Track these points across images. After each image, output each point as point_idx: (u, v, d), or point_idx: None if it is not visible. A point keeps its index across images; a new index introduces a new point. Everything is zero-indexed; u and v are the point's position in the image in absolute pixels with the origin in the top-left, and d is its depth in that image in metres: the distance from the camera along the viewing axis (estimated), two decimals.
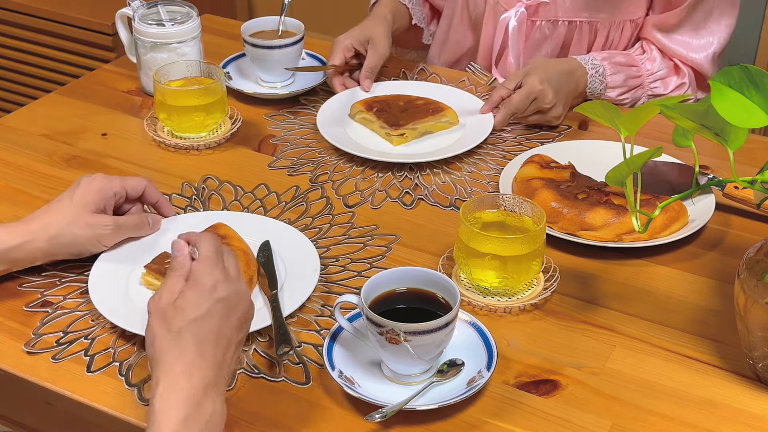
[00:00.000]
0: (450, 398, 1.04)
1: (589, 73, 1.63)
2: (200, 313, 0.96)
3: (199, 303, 0.96)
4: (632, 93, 1.68)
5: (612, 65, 1.65)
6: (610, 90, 1.65)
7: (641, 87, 1.68)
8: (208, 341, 0.95)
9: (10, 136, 1.56)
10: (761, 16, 2.76)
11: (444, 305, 1.07)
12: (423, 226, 1.36)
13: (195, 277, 0.99)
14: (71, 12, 2.72)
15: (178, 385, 0.92)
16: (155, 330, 0.96)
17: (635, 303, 1.22)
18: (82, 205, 1.21)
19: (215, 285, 0.98)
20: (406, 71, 1.76)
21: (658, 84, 1.69)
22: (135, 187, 1.27)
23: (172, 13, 1.65)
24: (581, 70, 1.62)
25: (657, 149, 1.01)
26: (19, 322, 1.18)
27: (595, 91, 1.63)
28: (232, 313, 0.99)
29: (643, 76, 1.68)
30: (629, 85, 1.67)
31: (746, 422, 1.05)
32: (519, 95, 1.54)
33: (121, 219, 1.25)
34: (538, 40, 1.73)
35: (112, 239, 1.25)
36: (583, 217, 1.30)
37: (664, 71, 1.69)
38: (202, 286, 0.98)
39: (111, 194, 1.24)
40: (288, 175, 1.47)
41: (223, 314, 0.97)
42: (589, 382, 1.10)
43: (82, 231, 1.21)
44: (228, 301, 0.98)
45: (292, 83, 1.70)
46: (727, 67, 0.95)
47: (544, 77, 1.55)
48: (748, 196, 1.36)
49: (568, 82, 1.59)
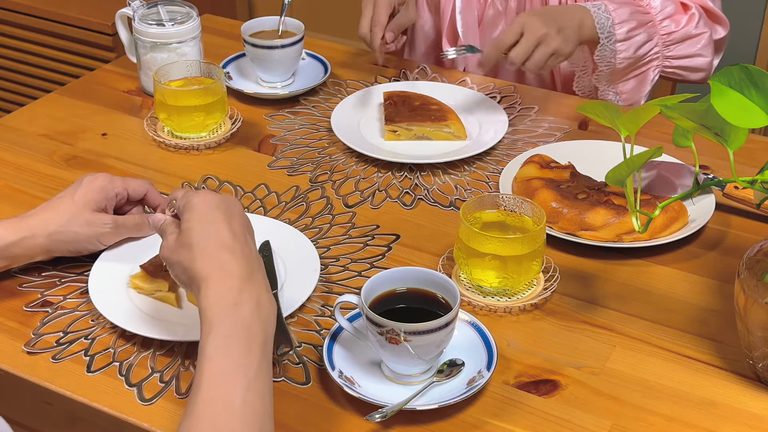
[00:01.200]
0: (450, 398, 1.04)
1: (592, 11, 1.58)
2: (208, 219, 1.01)
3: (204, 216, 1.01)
4: (645, 30, 1.61)
5: (613, 2, 1.59)
6: (618, 25, 1.58)
7: (652, 25, 1.62)
8: (228, 242, 0.99)
9: (10, 136, 1.56)
10: (761, 16, 2.76)
11: (444, 305, 1.07)
12: (423, 226, 1.36)
13: (188, 206, 1.03)
14: (71, 12, 2.72)
15: (221, 281, 0.96)
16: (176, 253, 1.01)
17: (635, 303, 1.22)
18: (83, 203, 1.22)
19: (213, 201, 1.03)
20: (406, 71, 1.76)
21: (669, 23, 1.63)
22: (137, 189, 1.27)
23: (172, 13, 1.65)
24: (581, 8, 1.58)
25: (657, 149, 1.01)
26: (19, 322, 1.18)
27: (604, 27, 1.57)
28: (234, 218, 1.02)
29: (651, 14, 1.62)
30: (639, 21, 1.61)
31: (746, 422, 1.05)
32: (505, 30, 1.52)
33: (121, 218, 1.25)
34: (492, 16, 1.72)
35: (112, 238, 1.25)
36: (583, 217, 1.30)
37: (671, 8, 1.63)
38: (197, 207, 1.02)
39: (112, 194, 1.24)
40: (288, 175, 1.47)
41: (227, 216, 1.02)
42: (589, 382, 1.10)
43: (82, 229, 1.21)
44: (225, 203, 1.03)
45: (292, 83, 1.70)
46: (727, 67, 0.95)
47: (532, 12, 1.53)
48: (748, 196, 1.36)
49: (563, 14, 1.55)
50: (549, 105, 1.65)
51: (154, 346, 1.14)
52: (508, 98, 1.67)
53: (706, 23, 1.66)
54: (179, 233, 1.03)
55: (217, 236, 1.00)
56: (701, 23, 1.65)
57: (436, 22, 1.81)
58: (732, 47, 1.76)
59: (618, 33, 1.59)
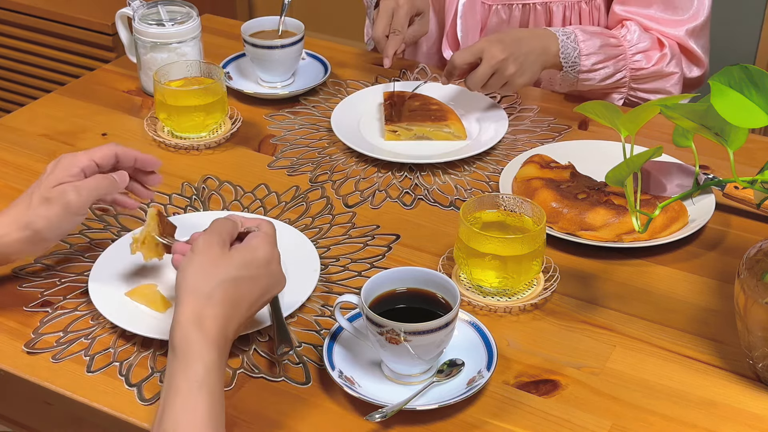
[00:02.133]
0: (450, 398, 1.04)
1: (560, 39, 1.58)
2: (249, 274, 1.02)
3: (251, 265, 1.02)
4: (613, 63, 1.61)
5: (585, 32, 1.60)
6: (585, 57, 1.59)
7: (623, 58, 1.62)
8: (241, 301, 1.01)
9: (10, 136, 1.56)
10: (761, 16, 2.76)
11: (444, 305, 1.07)
12: (423, 226, 1.36)
13: (257, 243, 1.04)
14: (71, 12, 2.72)
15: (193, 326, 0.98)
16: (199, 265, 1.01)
17: (635, 303, 1.22)
18: (47, 187, 1.16)
19: (271, 260, 1.04)
20: (406, 71, 1.76)
21: (641, 57, 1.63)
22: (104, 156, 1.21)
23: (172, 13, 1.65)
24: (548, 33, 1.58)
25: (657, 149, 1.01)
26: (19, 322, 1.18)
27: (569, 57, 1.58)
28: (268, 292, 1.05)
29: (623, 47, 1.62)
30: (608, 54, 1.60)
31: (746, 422, 1.05)
32: (465, 50, 1.52)
33: (81, 182, 1.18)
34: (496, 24, 1.72)
35: (78, 205, 1.17)
36: (583, 217, 1.30)
37: (646, 43, 1.63)
38: (260, 254, 1.03)
39: (77, 170, 1.18)
40: (288, 175, 1.47)
41: (264, 288, 1.04)
42: (589, 382, 1.10)
43: (46, 210, 1.15)
44: (274, 279, 1.05)
45: (292, 83, 1.70)
46: (727, 67, 0.95)
47: (495, 37, 1.53)
48: (748, 196, 1.36)
49: (527, 41, 1.55)
50: (549, 105, 1.65)
51: (154, 346, 1.14)
52: (508, 98, 1.67)
53: (679, 63, 1.66)
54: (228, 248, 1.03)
55: (236, 291, 1.01)
56: (673, 63, 1.65)
57: (440, 23, 1.81)
58: (732, 47, 1.75)
59: (583, 65, 1.59)
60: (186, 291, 1.00)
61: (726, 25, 1.70)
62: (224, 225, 1.06)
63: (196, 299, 0.99)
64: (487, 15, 1.73)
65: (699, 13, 1.65)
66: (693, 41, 1.66)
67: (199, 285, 1.00)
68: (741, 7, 2.72)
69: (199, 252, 1.02)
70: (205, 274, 1.00)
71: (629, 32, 1.63)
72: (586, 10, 1.70)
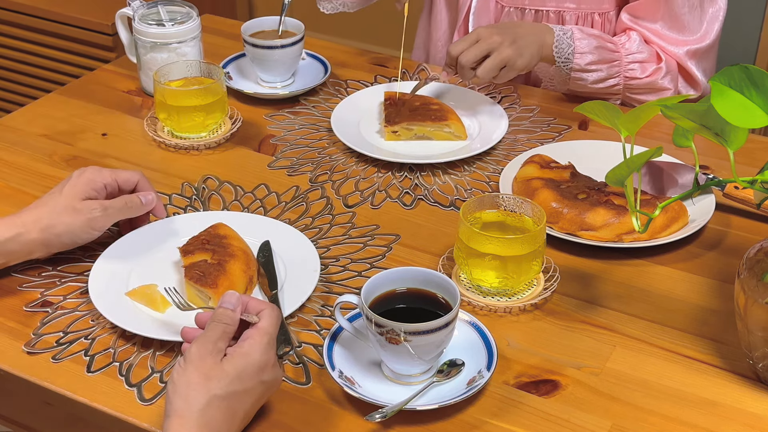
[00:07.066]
0: (450, 398, 1.04)
1: (557, 33, 1.59)
2: (243, 387, 0.98)
3: (244, 375, 0.98)
4: (607, 67, 1.61)
5: (582, 32, 1.60)
6: (579, 55, 1.58)
7: (617, 64, 1.61)
8: (234, 416, 0.98)
9: (10, 136, 1.56)
10: (761, 16, 2.76)
11: (444, 305, 1.07)
12: (423, 226, 1.36)
13: (250, 347, 0.99)
14: (71, 12, 2.72)
15: None
16: (191, 379, 0.97)
17: (635, 303, 1.22)
18: (71, 195, 1.23)
19: (265, 366, 1.00)
20: (406, 71, 1.76)
21: (636, 67, 1.62)
22: (127, 180, 1.28)
23: (172, 13, 1.65)
24: (546, 27, 1.59)
25: (657, 149, 1.01)
26: (19, 322, 1.18)
27: (563, 52, 1.58)
28: (263, 398, 1.02)
29: (620, 53, 1.62)
30: (603, 57, 1.60)
31: (746, 422, 1.05)
32: (462, 38, 1.53)
33: (108, 201, 1.24)
34: None
35: (103, 222, 1.24)
36: (583, 217, 1.30)
37: (644, 54, 1.63)
38: (253, 362, 0.99)
39: (101, 185, 1.25)
40: (288, 175, 1.47)
41: (258, 397, 1.01)
42: (589, 382, 1.10)
43: (71, 218, 1.22)
44: (267, 386, 1.01)
45: (292, 83, 1.70)
46: (727, 67, 0.95)
47: (491, 25, 1.54)
48: (748, 196, 1.36)
49: (524, 29, 1.56)
50: (549, 105, 1.65)
51: (154, 346, 1.14)
52: (508, 98, 1.67)
53: (674, 80, 1.65)
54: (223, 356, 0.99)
55: (231, 405, 0.98)
56: (668, 78, 1.64)
57: (452, 18, 1.82)
58: (732, 47, 1.75)
59: (576, 63, 1.59)
60: (176, 413, 0.96)
61: (726, 25, 1.69)
62: (219, 330, 1.00)
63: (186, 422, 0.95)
64: (500, 15, 1.73)
65: (705, 37, 1.65)
66: (693, 63, 1.66)
67: (191, 402, 0.96)
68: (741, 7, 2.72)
69: (191, 362, 0.98)
70: (198, 388, 0.96)
71: (629, 41, 1.63)
72: (599, 22, 1.71)
